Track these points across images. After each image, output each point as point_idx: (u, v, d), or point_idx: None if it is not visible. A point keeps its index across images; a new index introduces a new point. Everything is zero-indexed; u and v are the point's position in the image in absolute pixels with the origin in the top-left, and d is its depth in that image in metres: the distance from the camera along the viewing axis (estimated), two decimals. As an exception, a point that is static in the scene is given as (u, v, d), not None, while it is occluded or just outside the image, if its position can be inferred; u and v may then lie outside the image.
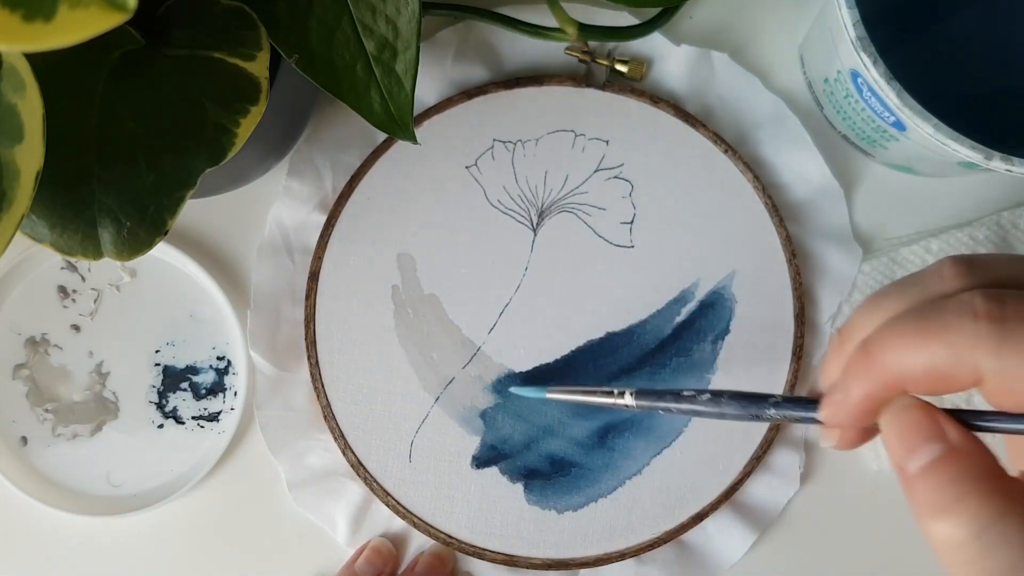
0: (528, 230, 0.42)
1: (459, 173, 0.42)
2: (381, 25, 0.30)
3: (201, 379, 0.43)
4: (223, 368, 0.43)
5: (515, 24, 0.40)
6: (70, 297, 0.43)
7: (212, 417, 0.43)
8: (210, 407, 0.43)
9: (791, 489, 0.42)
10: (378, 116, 0.31)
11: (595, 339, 0.42)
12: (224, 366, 0.43)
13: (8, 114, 0.24)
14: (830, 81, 0.39)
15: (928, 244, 0.43)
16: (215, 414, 0.43)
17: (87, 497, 0.43)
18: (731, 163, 0.42)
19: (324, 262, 0.42)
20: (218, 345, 0.43)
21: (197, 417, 0.43)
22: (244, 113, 0.29)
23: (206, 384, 0.43)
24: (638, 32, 0.40)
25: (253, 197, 0.43)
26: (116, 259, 0.28)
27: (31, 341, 0.43)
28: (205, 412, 0.43)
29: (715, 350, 0.42)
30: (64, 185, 0.28)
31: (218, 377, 0.43)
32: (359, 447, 0.41)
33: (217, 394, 0.43)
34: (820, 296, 0.42)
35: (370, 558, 0.41)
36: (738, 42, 0.43)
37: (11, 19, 0.19)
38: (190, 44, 0.29)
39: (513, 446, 0.42)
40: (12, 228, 0.25)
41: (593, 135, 0.42)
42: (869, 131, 0.39)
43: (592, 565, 0.41)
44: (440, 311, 0.42)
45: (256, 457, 0.43)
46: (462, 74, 0.42)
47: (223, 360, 0.43)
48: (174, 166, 0.28)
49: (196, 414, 0.43)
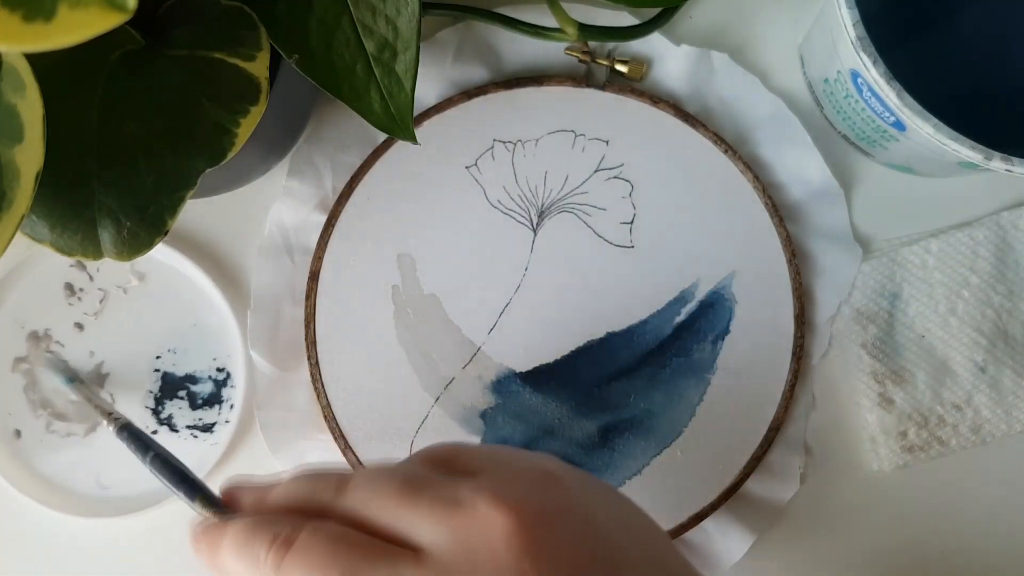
0: (528, 230, 0.42)
1: (459, 173, 0.42)
2: (381, 25, 0.30)
3: (199, 389, 0.43)
4: (222, 380, 0.43)
5: (515, 24, 0.40)
6: (76, 295, 0.43)
7: (206, 428, 0.43)
8: (205, 418, 0.43)
9: (791, 489, 0.42)
10: (378, 116, 0.31)
11: (595, 339, 0.42)
12: (223, 378, 0.43)
13: (8, 114, 0.24)
14: (830, 81, 0.39)
15: (928, 244, 0.43)
16: (209, 425, 0.43)
17: (76, 496, 0.43)
18: (731, 163, 0.42)
19: (324, 262, 0.42)
20: (219, 357, 0.43)
21: (191, 427, 0.43)
22: (244, 113, 0.29)
23: (203, 394, 0.43)
24: (638, 32, 0.40)
25: (253, 197, 0.43)
26: (116, 259, 0.28)
27: (33, 335, 0.43)
28: (199, 422, 0.43)
29: (715, 350, 0.42)
30: (64, 185, 0.28)
31: (216, 388, 0.43)
32: (359, 447, 0.41)
33: (213, 405, 0.43)
34: (820, 296, 0.42)
35: None
36: (738, 42, 0.43)
37: (11, 19, 0.19)
38: (190, 44, 0.29)
39: (513, 446, 0.42)
40: (12, 228, 0.25)
41: (593, 135, 0.42)
42: (869, 131, 0.39)
43: (592, 565, 0.41)
44: (440, 311, 0.42)
45: (255, 459, 0.43)
46: (462, 74, 0.42)
47: (222, 372, 0.43)
48: (174, 166, 0.28)
49: (190, 423, 0.43)
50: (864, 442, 0.43)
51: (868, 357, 0.42)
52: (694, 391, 0.42)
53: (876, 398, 0.42)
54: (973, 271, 0.42)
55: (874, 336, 0.42)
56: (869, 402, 0.42)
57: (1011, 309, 0.42)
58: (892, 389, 0.42)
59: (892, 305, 0.43)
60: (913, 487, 0.43)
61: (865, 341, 0.42)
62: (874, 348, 0.42)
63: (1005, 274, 0.42)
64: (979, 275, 0.42)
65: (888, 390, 0.42)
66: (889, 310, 0.43)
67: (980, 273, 0.42)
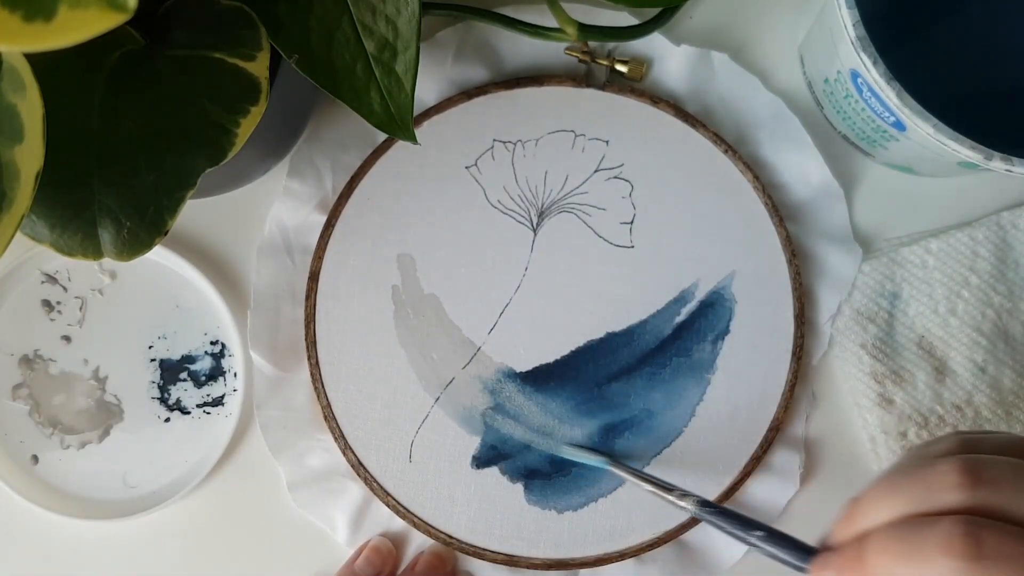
0: (528, 230, 0.42)
1: (459, 173, 0.42)
2: (381, 25, 0.30)
3: (199, 367, 0.43)
4: (218, 352, 0.43)
5: (515, 24, 0.40)
6: (56, 309, 0.43)
7: (216, 402, 0.43)
8: (213, 392, 0.43)
9: (791, 489, 0.42)
10: (378, 116, 0.31)
11: (595, 339, 0.42)
12: (219, 350, 0.43)
13: (8, 114, 0.24)
14: (830, 81, 0.39)
15: (928, 244, 0.43)
16: (219, 398, 0.43)
17: (107, 502, 0.43)
18: (731, 163, 0.42)
19: (324, 262, 0.42)
20: (209, 330, 0.43)
21: (202, 404, 0.43)
22: (244, 113, 0.29)
23: (204, 370, 0.43)
24: (638, 32, 0.40)
25: (253, 197, 0.43)
26: (116, 259, 0.28)
27: (24, 359, 0.43)
28: (209, 398, 0.43)
29: (715, 350, 0.42)
30: (64, 185, 0.28)
31: (215, 361, 0.43)
32: (359, 447, 0.41)
33: (217, 378, 0.43)
34: (820, 296, 0.42)
35: (370, 557, 0.41)
36: (738, 42, 0.43)
37: (11, 19, 0.19)
38: (190, 44, 0.29)
39: (513, 446, 0.42)
40: (12, 228, 0.25)
41: (593, 135, 0.42)
42: (869, 131, 0.39)
43: (592, 565, 0.41)
44: (440, 311, 0.42)
45: (256, 458, 0.43)
46: (462, 74, 0.42)
47: (217, 344, 0.43)
48: (174, 166, 0.28)
49: (200, 402, 0.43)
50: (864, 442, 0.43)
51: (868, 357, 0.42)
52: (694, 391, 0.42)
53: (876, 398, 0.42)
54: (973, 271, 0.42)
55: (874, 336, 0.42)
56: (869, 402, 0.42)
57: (1011, 309, 0.42)
58: (892, 389, 0.42)
59: (892, 305, 0.43)
60: (913, 487, 0.43)
61: (865, 341, 0.42)
62: (874, 348, 0.42)
63: (1005, 274, 0.42)
64: (979, 275, 0.42)
65: (888, 390, 0.42)
66: (889, 310, 0.43)
67: (980, 273, 0.42)
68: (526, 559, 0.41)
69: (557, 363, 0.42)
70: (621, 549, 0.41)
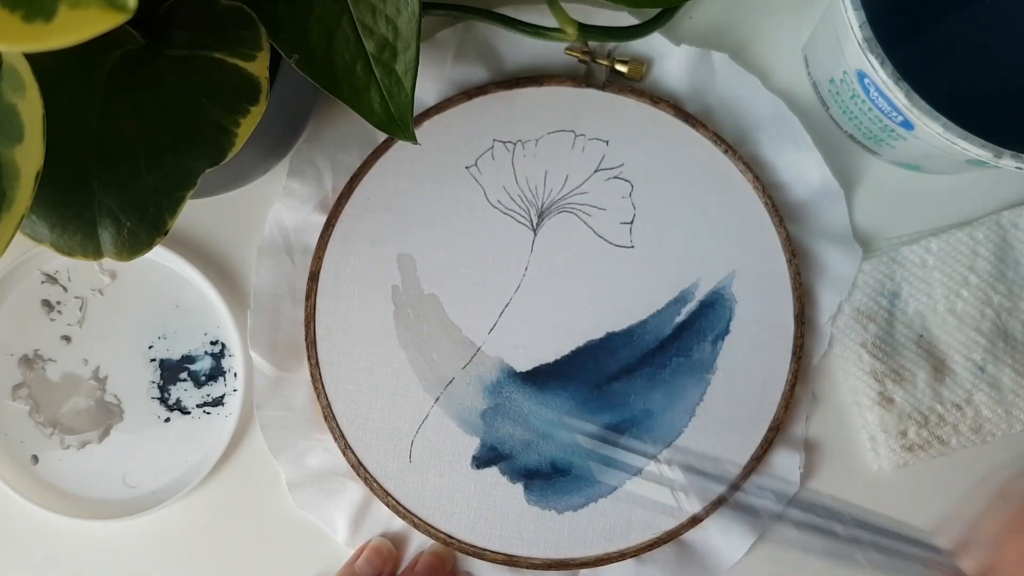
0: (528, 230, 0.42)
1: (459, 173, 0.42)
2: (381, 25, 0.30)
3: (199, 367, 0.43)
4: (218, 352, 0.43)
5: (515, 24, 0.40)
6: (56, 309, 0.43)
7: (216, 402, 0.43)
8: (212, 392, 0.43)
9: (791, 489, 0.42)
10: (378, 116, 0.31)
11: (595, 339, 0.42)
12: (219, 350, 0.43)
13: (8, 114, 0.24)
14: (836, 81, 0.39)
15: (928, 244, 0.43)
16: (219, 398, 0.43)
17: (107, 502, 0.43)
18: (731, 163, 0.42)
19: (324, 262, 0.42)
20: (209, 330, 0.43)
21: (201, 404, 0.43)
22: (244, 113, 0.29)
23: (204, 370, 0.43)
24: (638, 32, 0.40)
25: (253, 197, 0.43)
26: (116, 259, 0.28)
27: (24, 359, 0.43)
28: (208, 398, 0.43)
29: (715, 350, 0.42)
30: (64, 185, 0.28)
31: (215, 361, 0.43)
32: (359, 447, 0.41)
33: (217, 378, 0.43)
34: (820, 296, 0.42)
35: (370, 558, 0.41)
36: (738, 42, 0.43)
37: (11, 19, 0.19)
38: (190, 44, 0.29)
39: (513, 446, 0.42)
40: (12, 228, 0.25)
41: (593, 135, 0.42)
42: (876, 131, 0.39)
43: (592, 565, 0.41)
44: (440, 311, 0.42)
45: (256, 458, 0.43)
46: (462, 74, 0.42)
47: (217, 344, 0.43)
48: (174, 166, 0.28)
49: (200, 401, 0.43)
50: (864, 441, 0.43)
51: (868, 356, 0.42)
52: (694, 391, 0.42)
53: (876, 397, 0.42)
54: (973, 270, 0.42)
55: (874, 335, 0.42)
56: (869, 401, 0.42)
57: (1011, 308, 0.42)
58: (892, 388, 0.42)
59: (892, 304, 0.43)
60: (913, 486, 0.43)
61: (865, 340, 0.42)
62: (874, 347, 0.42)
63: (1005, 273, 0.42)
64: (979, 274, 0.42)
65: (888, 389, 0.42)
66: (889, 309, 0.43)
67: (980, 272, 0.42)
68: (526, 559, 0.41)
69: (557, 363, 0.42)
70: (621, 549, 0.41)
